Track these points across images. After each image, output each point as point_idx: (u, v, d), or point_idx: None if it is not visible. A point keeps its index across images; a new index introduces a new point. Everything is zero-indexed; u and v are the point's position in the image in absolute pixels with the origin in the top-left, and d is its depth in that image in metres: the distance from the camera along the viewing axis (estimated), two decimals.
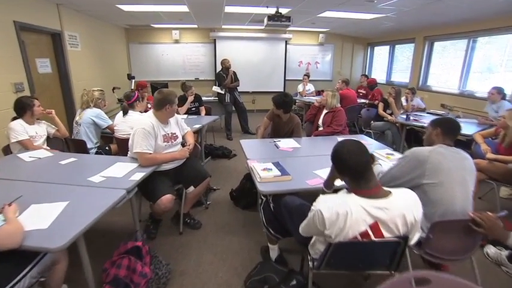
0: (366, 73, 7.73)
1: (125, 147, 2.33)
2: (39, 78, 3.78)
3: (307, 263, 1.49)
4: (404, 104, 4.47)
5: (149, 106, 3.34)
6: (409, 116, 4.01)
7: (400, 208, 1.14)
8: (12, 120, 2.50)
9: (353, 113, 5.01)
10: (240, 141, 2.79)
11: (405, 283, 0.78)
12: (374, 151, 2.33)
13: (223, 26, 6.73)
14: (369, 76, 6.88)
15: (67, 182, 1.81)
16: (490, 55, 4.63)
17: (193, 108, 4.48)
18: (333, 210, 1.12)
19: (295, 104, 6.44)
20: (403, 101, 4.47)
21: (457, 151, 1.56)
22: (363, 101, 5.62)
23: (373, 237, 1.16)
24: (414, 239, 1.26)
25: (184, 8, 4.46)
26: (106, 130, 3.01)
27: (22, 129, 2.45)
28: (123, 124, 2.78)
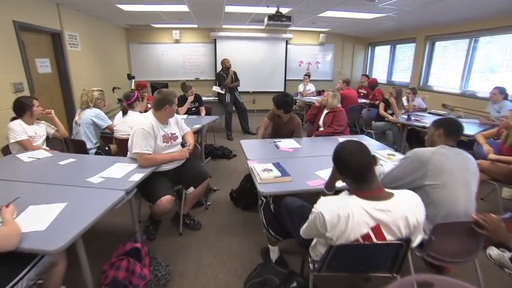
0: (367, 73, 7.71)
1: (124, 147, 2.32)
2: (39, 78, 3.77)
3: (307, 264, 1.47)
4: (406, 104, 4.45)
5: (149, 106, 3.33)
6: (410, 116, 4.00)
7: (402, 210, 1.13)
8: (12, 120, 2.49)
9: (354, 113, 4.99)
10: (240, 141, 2.77)
11: (408, 287, 0.76)
12: (375, 152, 2.31)
13: (224, 25, 6.72)
14: (369, 76, 6.87)
15: (66, 182, 1.80)
16: (491, 55, 4.61)
17: (194, 108, 4.47)
18: (334, 213, 1.10)
19: (296, 104, 6.43)
20: (404, 101, 4.45)
21: (459, 152, 1.54)
22: (364, 101, 5.61)
23: (375, 240, 1.14)
24: (416, 241, 1.24)
25: (184, 7, 4.45)
26: (106, 130, 2.99)
27: (21, 129, 2.44)
28: (123, 124, 2.77)
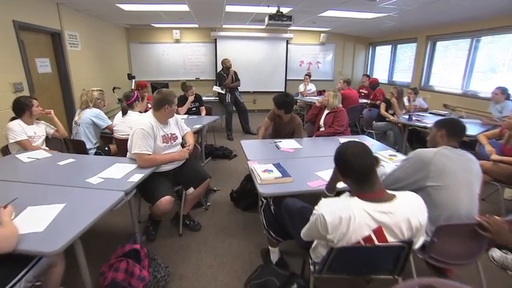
0: (368, 73, 7.69)
1: (124, 147, 2.31)
2: (38, 78, 3.76)
3: (308, 266, 1.46)
4: (407, 104, 4.43)
5: (149, 106, 3.31)
6: (411, 116, 3.98)
7: (405, 212, 1.11)
8: (11, 120, 2.48)
9: (355, 113, 4.98)
10: (241, 141, 2.76)
11: None
12: (376, 152, 2.29)
13: (224, 25, 6.70)
14: (370, 76, 6.85)
15: (65, 183, 1.79)
16: (492, 55, 4.59)
17: (194, 109, 4.46)
18: (335, 215, 1.09)
19: (296, 104, 6.41)
20: (405, 101, 4.43)
21: (462, 153, 1.53)
22: (365, 101, 5.59)
23: (376, 242, 1.13)
24: (419, 243, 1.22)
25: (184, 7, 4.43)
26: (105, 130, 2.98)
27: (20, 129, 2.43)
28: (123, 124, 2.76)
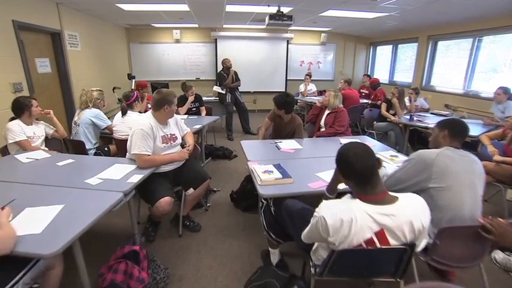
0: (368, 73, 7.67)
1: (123, 148, 2.29)
2: (38, 78, 3.75)
3: (308, 268, 1.44)
4: (408, 104, 4.41)
5: (149, 106, 3.30)
6: (412, 116, 3.96)
7: (407, 215, 1.09)
8: (10, 120, 2.47)
9: (355, 114, 4.96)
10: (241, 142, 2.74)
11: None
12: (377, 153, 2.27)
13: (224, 25, 6.69)
14: (371, 76, 6.82)
15: (63, 184, 1.77)
16: (494, 55, 4.56)
17: (194, 109, 4.45)
18: (337, 217, 1.07)
19: (297, 104, 6.39)
20: (406, 101, 4.42)
21: (465, 154, 1.51)
22: (366, 101, 5.57)
23: (378, 245, 1.11)
24: (421, 246, 1.21)
25: (184, 7, 4.42)
26: (105, 131, 2.97)
27: (20, 129, 2.42)
28: (122, 125, 2.74)
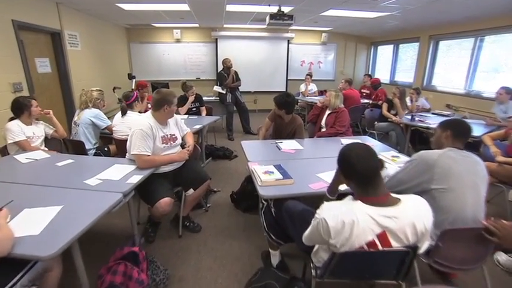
0: (369, 73, 7.63)
1: (123, 148, 2.28)
2: (38, 78, 3.74)
3: (309, 269, 1.43)
4: (409, 104, 4.39)
5: (149, 106, 3.28)
6: (413, 116, 3.94)
7: (410, 217, 1.08)
8: (10, 120, 2.46)
9: (356, 114, 4.94)
10: (241, 142, 2.73)
11: None
12: (379, 153, 2.25)
13: (225, 25, 6.67)
14: (372, 76, 6.79)
15: (63, 185, 1.76)
16: (496, 54, 4.53)
17: (194, 109, 4.44)
18: (338, 219, 1.05)
19: (298, 104, 6.38)
20: (407, 101, 4.39)
21: (467, 155, 1.49)
22: (367, 101, 5.55)
23: (380, 247, 1.09)
24: (423, 248, 1.19)
25: (185, 6, 4.41)
26: (105, 131, 2.96)
27: (19, 129, 2.41)
28: (122, 125, 2.73)
